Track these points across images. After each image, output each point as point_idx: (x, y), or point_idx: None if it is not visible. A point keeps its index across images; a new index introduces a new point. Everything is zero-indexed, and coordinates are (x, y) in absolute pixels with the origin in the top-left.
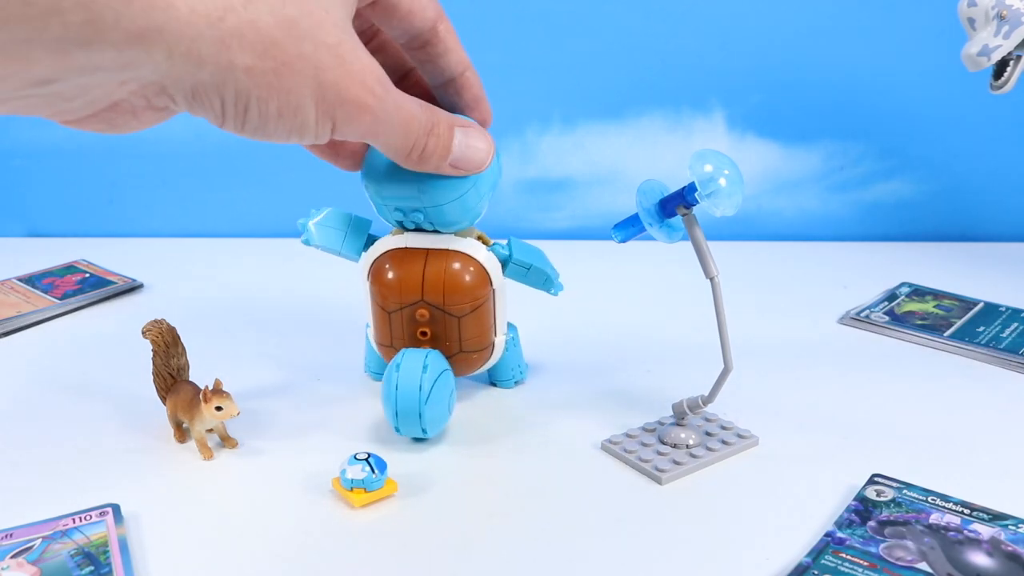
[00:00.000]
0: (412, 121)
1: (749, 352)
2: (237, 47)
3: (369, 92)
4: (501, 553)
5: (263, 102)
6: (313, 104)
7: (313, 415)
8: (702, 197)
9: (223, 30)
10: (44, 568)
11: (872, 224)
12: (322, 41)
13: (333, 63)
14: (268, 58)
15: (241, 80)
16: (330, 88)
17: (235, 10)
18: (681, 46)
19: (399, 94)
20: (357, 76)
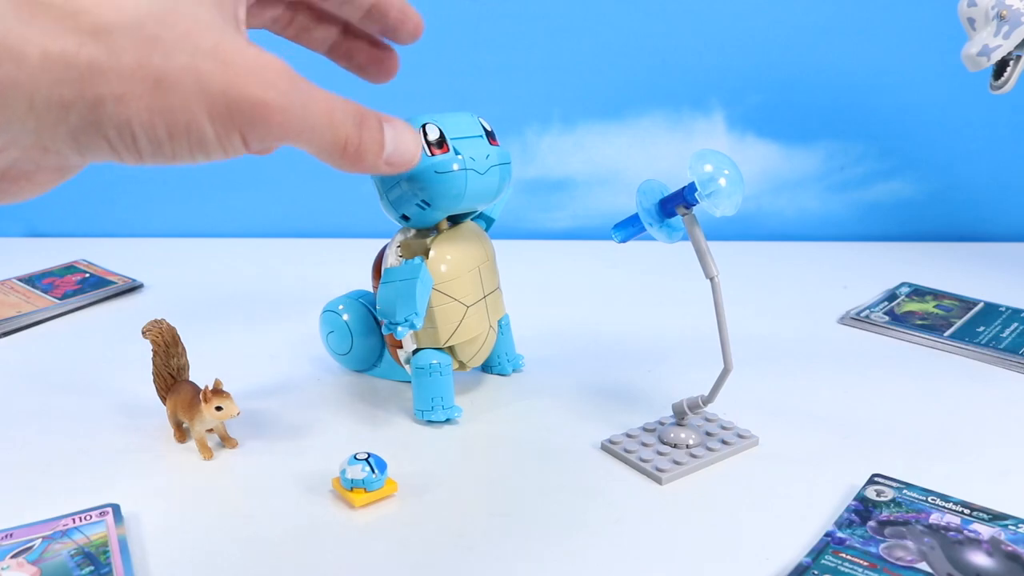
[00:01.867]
0: (335, 112)
1: (749, 352)
2: (99, 79)
3: (269, 87)
4: (501, 553)
5: (148, 127)
6: (207, 118)
7: (313, 415)
8: (702, 197)
9: (80, 66)
10: (44, 568)
11: (872, 224)
12: (195, 49)
13: (215, 68)
14: (136, 80)
15: (116, 112)
16: (219, 96)
17: (86, 44)
18: (681, 46)
19: (311, 86)
20: (250, 75)
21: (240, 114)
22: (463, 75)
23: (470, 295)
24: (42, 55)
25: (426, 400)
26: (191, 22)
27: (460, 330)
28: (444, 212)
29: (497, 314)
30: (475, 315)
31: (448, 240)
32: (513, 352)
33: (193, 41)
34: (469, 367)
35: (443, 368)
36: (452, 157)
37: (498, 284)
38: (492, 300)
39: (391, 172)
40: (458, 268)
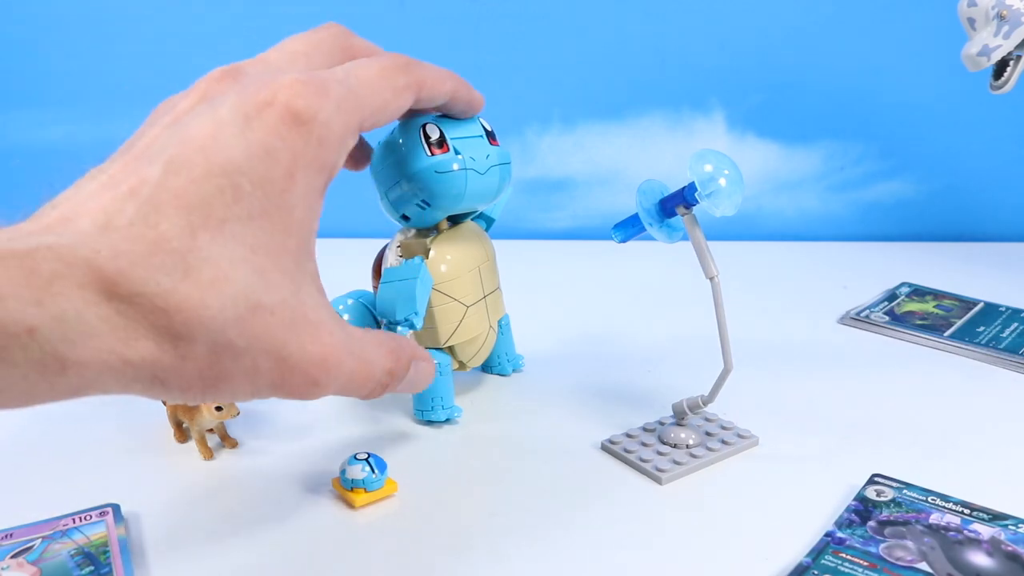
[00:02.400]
0: (369, 379)
1: (749, 352)
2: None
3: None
4: (501, 553)
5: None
6: (249, 396)
7: (313, 415)
8: (702, 197)
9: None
10: (44, 568)
11: (872, 224)
12: (262, 350)
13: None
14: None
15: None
16: (266, 388)
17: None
18: (681, 46)
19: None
20: (299, 375)
21: (284, 394)
22: (463, 75)
23: (470, 295)
24: (123, 363)
25: (426, 400)
26: (268, 316)
27: (460, 330)
28: (444, 212)
29: (497, 314)
30: (475, 315)
31: (448, 240)
32: (513, 352)
33: (263, 341)
34: (469, 367)
35: (443, 368)
36: (452, 157)
37: (498, 284)
38: (492, 300)
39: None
40: (458, 268)
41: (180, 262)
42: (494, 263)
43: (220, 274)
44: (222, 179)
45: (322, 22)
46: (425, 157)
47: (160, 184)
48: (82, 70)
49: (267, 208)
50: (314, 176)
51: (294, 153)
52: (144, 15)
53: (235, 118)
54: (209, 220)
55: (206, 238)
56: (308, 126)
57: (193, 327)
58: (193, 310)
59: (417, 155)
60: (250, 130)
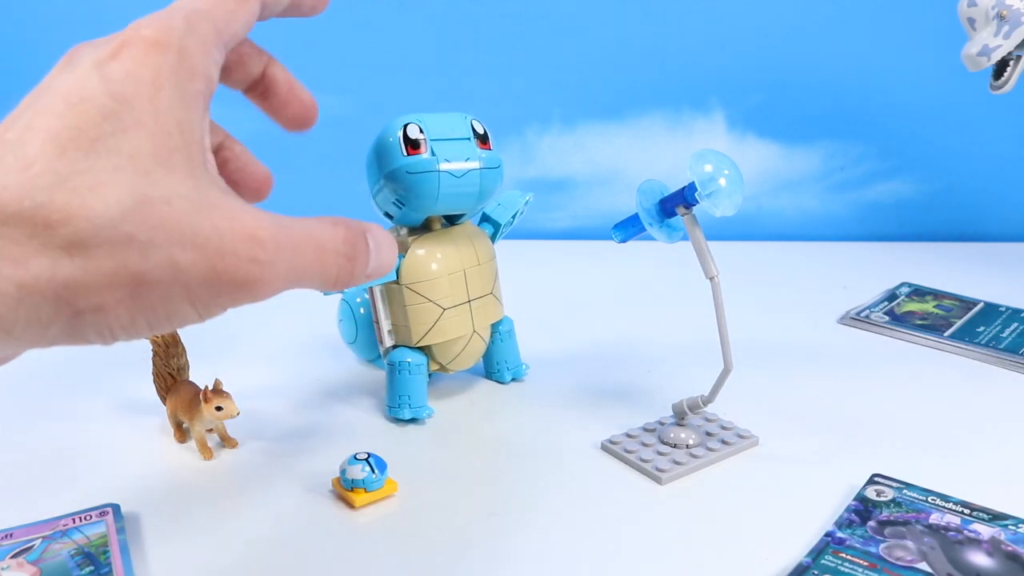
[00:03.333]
0: (325, 257)
1: (749, 352)
2: (77, 296)
3: (251, 262)
4: (501, 553)
5: (128, 327)
6: (189, 305)
7: (313, 415)
8: (702, 197)
9: (56, 287)
10: (44, 568)
11: (872, 224)
12: (170, 240)
13: (193, 257)
14: (115, 288)
15: (96, 320)
16: (200, 285)
17: (60, 262)
18: (681, 46)
19: (295, 233)
20: (229, 255)
21: (224, 294)
22: (463, 75)
23: (448, 298)
24: (17, 287)
25: (395, 396)
26: (164, 208)
27: (434, 332)
28: (422, 212)
29: (486, 319)
30: (454, 318)
31: (431, 241)
32: (515, 359)
33: (167, 232)
34: (451, 370)
35: (413, 367)
36: (423, 158)
37: (491, 290)
38: (480, 305)
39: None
40: (436, 270)
41: (53, 176)
42: (489, 268)
43: (97, 181)
44: (85, 104)
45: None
46: (401, 157)
47: (26, 126)
48: None
49: (139, 118)
50: (185, 81)
51: (156, 68)
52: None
53: (92, 66)
54: (79, 139)
55: (78, 155)
56: (164, 45)
57: (82, 231)
58: (76, 214)
59: (394, 155)
60: (107, 69)
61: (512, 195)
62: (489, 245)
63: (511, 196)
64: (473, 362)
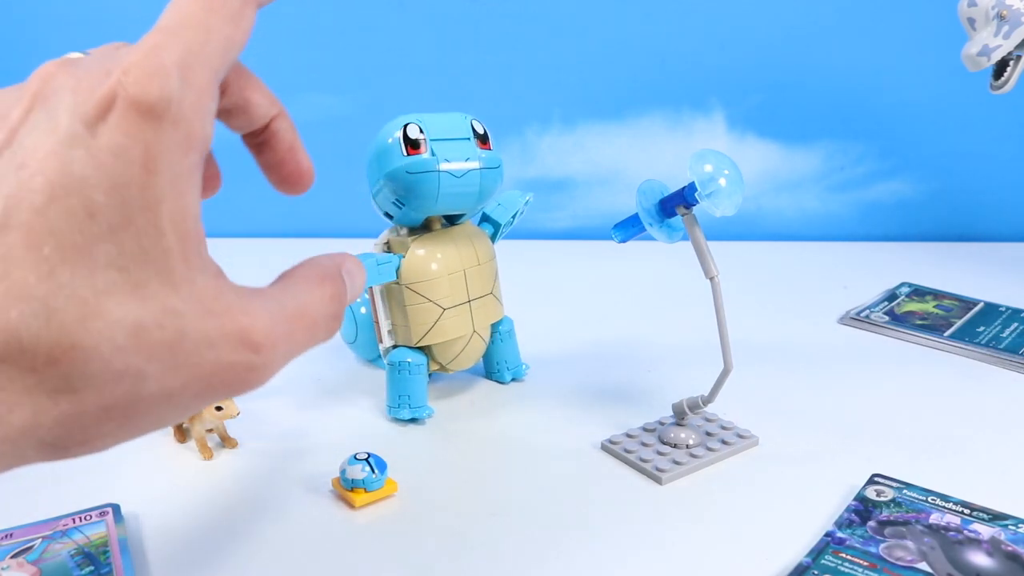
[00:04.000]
0: (316, 326)
1: (749, 352)
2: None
3: (247, 370)
4: (501, 553)
5: (112, 444)
6: (180, 417)
7: (313, 415)
8: (702, 197)
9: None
10: (44, 568)
11: (872, 224)
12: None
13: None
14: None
15: (81, 450)
16: (194, 401)
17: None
18: (681, 46)
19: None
20: (226, 371)
21: (218, 400)
22: (463, 75)
23: (448, 298)
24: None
25: (395, 397)
26: (158, 332)
27: (434, 331)
28: (421, 212)
29: (487, 319)
30: (454, 318)
31: (431, 241)
32: (515, 359)
33: (162, 359)
34: (452, 369)
35: (413, 367)
36: (423, 159)
37: (491, 290)
38: (480, 305)
39: None
40: (436, 270)
41: (41, 308)
42: (489, 268)
43: (87, 310)
44: (70, 199)
45: (321, 22)
46: (400, 157)
47: (3, 226)
48: None
49: (129, 214)
50: (179, 159)
51: (147, 145)
52: (144, 16)
53: (75, 126)
54: (65, 250)
55: (66, 273)
56: (157, 113)
57: (71, 374)
58: (65, 357)
59: (394, 155)
60: (94, 137)
61: (512, 195)
62: (489, 245)
63: (511, 196)
64: (473, 362)
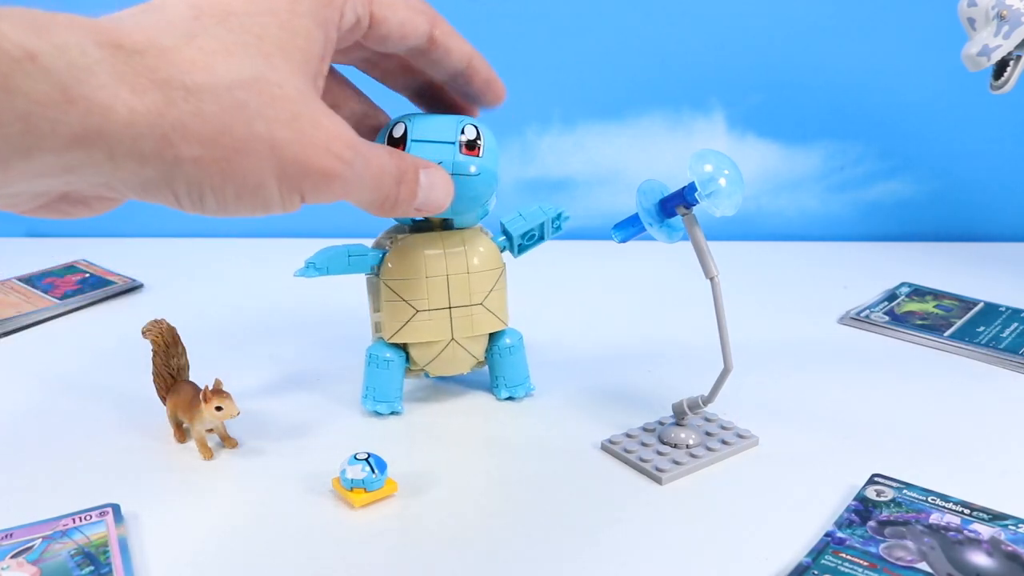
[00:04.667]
0: (383, 176)
1: (749, 352)
2: (181, 140)
3: (336, 159)
4: (501, 553)
5: (218, 189)
6: (276, 182)
7: (313, 415)
8: (702, 197)
9: (164, 125)
10: (44, 568)
11: (872, 224)
12: (275, 118)
13: (291, 137)
14: (217, 146)
15: (191, 172)
16: (291, 164)
17: (175, 103)
18: (681, 46)
19: (368, 149)
20: (321, 145)
21: (307, 179)
22: None
23: (424, 301)
24: (129, 112)
25: (364, 387)
26: (276, 90)
27: (406, 331)
28: None
29: (471, 330)
30: (429, 322)
31: (418, 242)
32: (516, 377)
33: (275, 109)
34: (432, 374)
35: (381, 362)
36: None
37: (480, 300)
38: (464, 314)
39: (418, 215)
40: (410, 271)
41: (185, 31)
42: (481, 279)
43: (223, 47)
44: None
45: None
46: None
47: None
48: None
49: (274, 8)
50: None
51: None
52: None
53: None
54: (215, 8)
55: (211, 21)
56: None
57: (201, 83)
58: (199, 68)
59: None
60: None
61: (535, 209)
62: (491, 256)
63: (533, 210)
64: (459, 370)
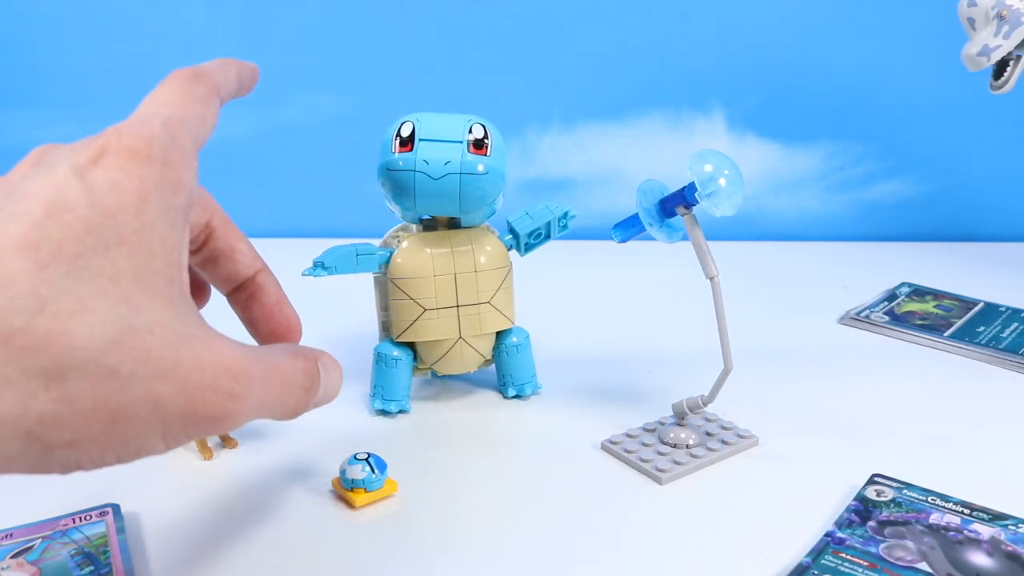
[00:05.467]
0: (288, 388)
1: (749, 352)
2: (49, 431)
3: (228, 398)
4: (501, 553)
5: (97, 460)
6: (161, 438)
7: (313, 415)
8: (702, 197)
9: (28, 423)
10: (44, 568)
11: (872, 224)
12: (152, 374)
13: (173, 391)
14: (91, 424)
15: (64, 456)
16: (176, 420)
17: (36, 395)
18: (681, 46)
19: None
20: (207, 390)
21: (196, 428)
22: (463, 75)
23: (431, 300)
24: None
25: (372, 386)
26: (148, 338)
27: (414, 330)
28: (408, 210)
29: (478, 328)
30: (437, 320)
31: (425, 241)
32: (523, 375)
33: (151, 365)
34: (440, 372)
35: (389, 360)
36: (405, 156)
37: (488, 299)
38: (471, 313)
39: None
40: (418, 269)
41: (33, 298)
42: (489, 278)
43: (80, 305)
44: (67, 215)
45: (320, 24)
46: (389, 154)
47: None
48: (82, 70)
49: (123, 234)
50: (170, 195)
51: (141, 179)
52: (144, 15)
53: (72, 172)
54: (59, 255)
55: (59, 272)
56: (147, 156)
57: (63, 360)
58: (57, 341)
59: (385, 151)
60: (90, 176)
61: (542, 208)
62: (498, 255)
63: (541, 209)
64: (466, 369)
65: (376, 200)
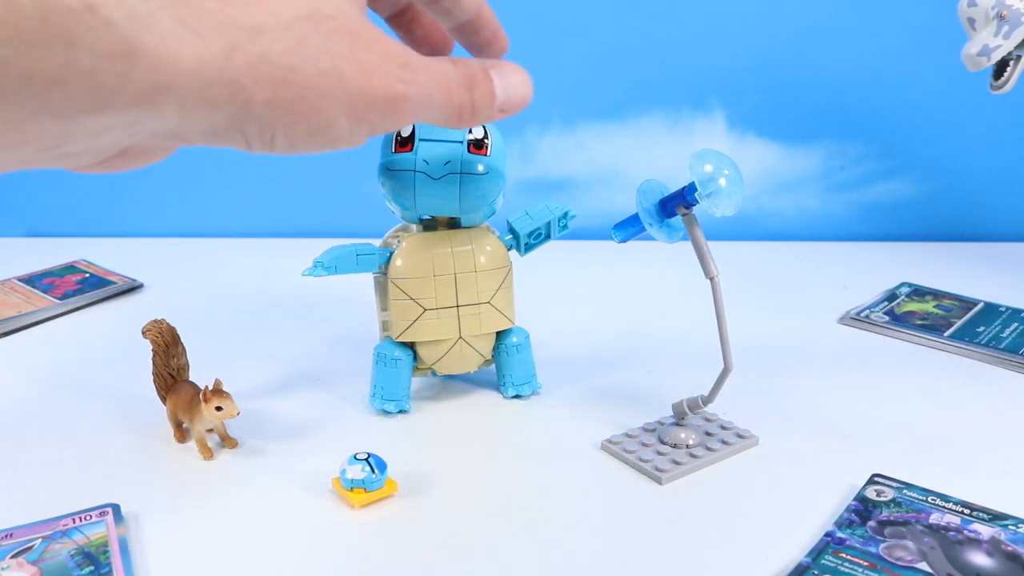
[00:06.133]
0: (450, 84)
1: (749, 352)
2: (251, 83)
3: (399, 81)
4: (501, 553)
5: (290, 129)
6: (345, 117)
7: (313, 415)
8: (702, 197)
9: (233, 70)
10: (44, 568)
11: (872, 224)
12: (337, 51)
13: (354, 69)
14: (287, 86)
15: (262, 114)
16: (358, 95)
17: (242, 46)
18: (681, 46)
19: (427, 64)
20: (382, 72)
21: (374, 109)
22: None
23: (431, 300)
24: (197, 60)
25: (372, 386)
26: (331, 22)
27: (414, 330)
28: (408, 210)
29: (478, 328)
30: (437, 320)
31: (426, 241)
32: (523, 375)
33: (335, 42)
34: (440, 372)
35: (389, 361)
36: (404, 156)
37: (488, 299)
38: (471, 313)
39: (506, 116)
40: (418, 269)
41: None
42: (488, 277)
43: None
44: None
45: None
46: (389, 153)
47: None
48: None
49: None
50: None
51: None
52: None
53: None
54: None
55: None
56: None
57: (262, 23)
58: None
59: (385, 150)
60: None
61: (542, 208)
62: (498, 255)
63: (540, 209)
64: (466, 368)
65: (376, 200)
